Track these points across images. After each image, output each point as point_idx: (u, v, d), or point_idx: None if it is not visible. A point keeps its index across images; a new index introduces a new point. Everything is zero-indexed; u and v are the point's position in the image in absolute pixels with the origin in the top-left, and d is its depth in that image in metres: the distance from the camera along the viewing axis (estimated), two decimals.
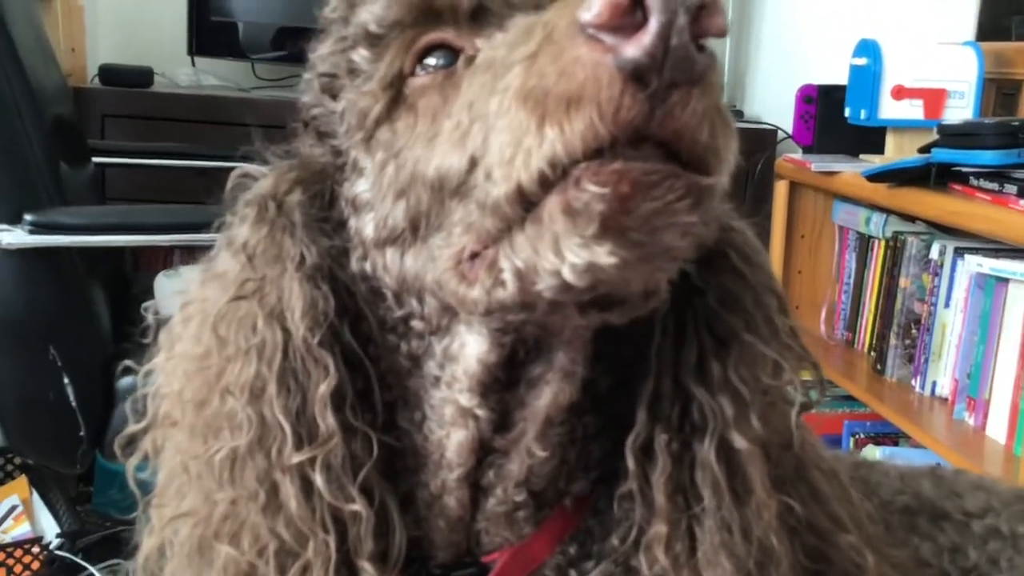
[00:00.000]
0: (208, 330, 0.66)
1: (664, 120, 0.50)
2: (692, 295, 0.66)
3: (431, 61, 0.64)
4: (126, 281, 2.17)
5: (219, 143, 2.34)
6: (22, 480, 2.20)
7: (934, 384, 2.12)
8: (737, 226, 0.69)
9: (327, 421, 0.63)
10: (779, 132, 2.98)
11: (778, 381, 0.66)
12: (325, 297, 0.65)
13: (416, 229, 0.62)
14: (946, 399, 2.08)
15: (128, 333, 0.70)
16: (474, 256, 0.57)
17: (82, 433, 1.75)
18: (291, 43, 3.16)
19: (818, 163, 2.36)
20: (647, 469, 0.66)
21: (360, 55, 0.67)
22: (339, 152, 0.70)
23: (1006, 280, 1.90)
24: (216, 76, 3.23)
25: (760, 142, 2.92)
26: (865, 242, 2.43)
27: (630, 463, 0.66)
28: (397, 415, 0.68)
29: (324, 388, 0.63)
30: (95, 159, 2.32)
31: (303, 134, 0.74)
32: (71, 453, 1.79)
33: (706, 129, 0.51)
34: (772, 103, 3.17)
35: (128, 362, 0.73)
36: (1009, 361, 1.88)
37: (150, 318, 0.71)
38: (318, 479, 0.62)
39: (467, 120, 0.57)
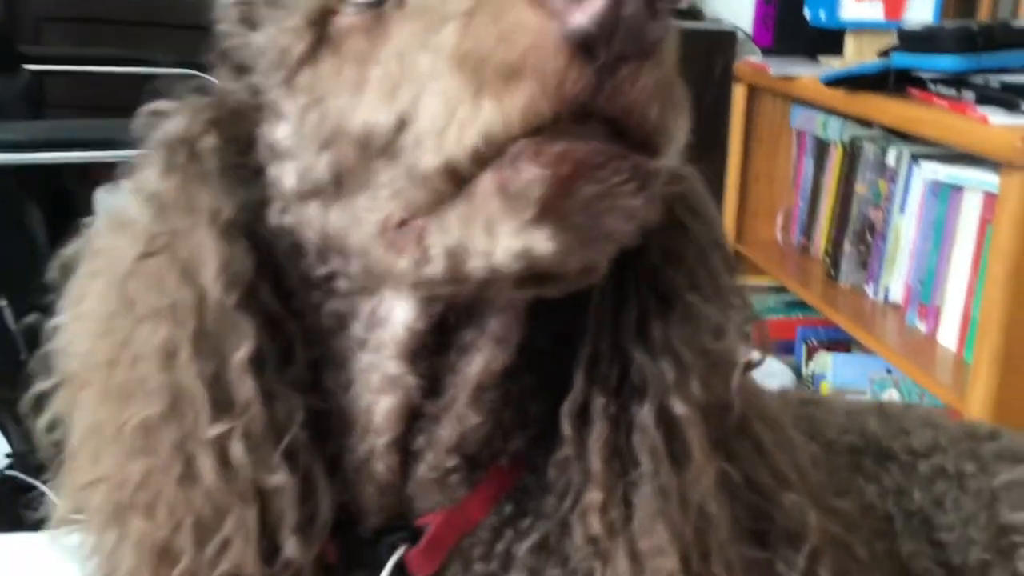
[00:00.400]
0: (115, 289, 0.62)
1: (612, 95, 0.46)
2: (633, 252, 0.63)
3: None
4: (68, 198, 2.10)
5: (166, 48, 2.23)
6: None
7: (887, 290, 2.12)
8: (684, 174, 0.64)
9: (245, 388, 0.60)
10: (739, 34, 2.91)
11: (721, 343, 0.63)
12: (242, 254, 0.61)
13: (340, 184, 0.58)
14: (898, 305, 2.09)
15: None
16: (402, 223, 0.54)
17: (22, 356, 1.71)
18: None
19: (777, 67, 2.32)
20: (583, 434, 0.63)
21: None
22: (258, 91, 0.64)
23: (961, 188, 1.89)
24: None
25: (719, 44, 2.86)
26: (822, 147, 2.41)
27: (566, 428, 0.63)
28: (323, 375, 0.65)
29: (242, 353, 0.59)
30: (29, 67, 2.21)
31: (219, 67, 0.68)
32: (12, 375, 1.76)
33: (656, 106, 0.48)
34: (732, 3, 3.10)
35: (34, 316, 0.69)
36: (961, 268, 1.88)
37: (54, 271, 0.67)
38: (237, 451, 0.59)
39: (396, 73, 0.53)
